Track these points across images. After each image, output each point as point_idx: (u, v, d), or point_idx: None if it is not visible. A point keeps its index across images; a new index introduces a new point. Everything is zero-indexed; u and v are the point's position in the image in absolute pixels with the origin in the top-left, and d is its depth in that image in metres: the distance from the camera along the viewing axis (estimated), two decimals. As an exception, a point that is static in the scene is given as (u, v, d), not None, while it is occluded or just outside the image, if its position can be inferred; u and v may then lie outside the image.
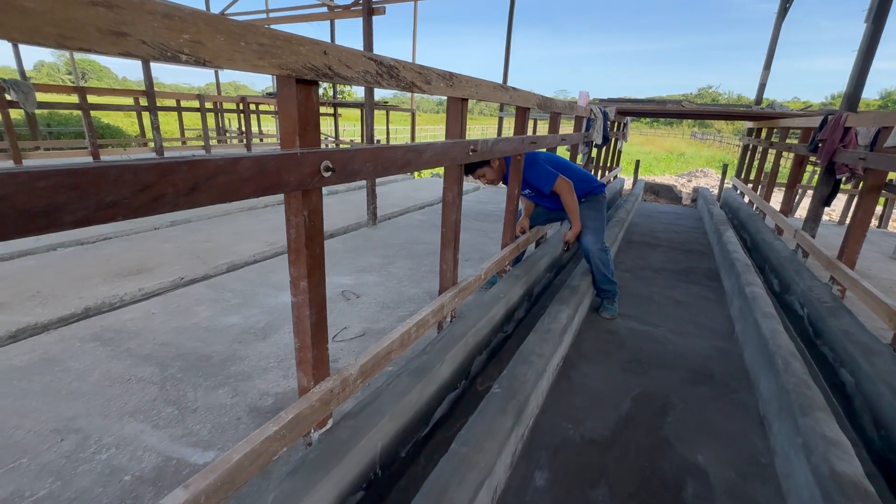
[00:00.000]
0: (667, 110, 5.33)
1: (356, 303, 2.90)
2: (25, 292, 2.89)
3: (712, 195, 6.64)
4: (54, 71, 52.13)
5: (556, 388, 1.97)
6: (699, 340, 2.51)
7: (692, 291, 3.27)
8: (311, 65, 0.87)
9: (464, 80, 1.50)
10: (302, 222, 0.99)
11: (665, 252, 4.25)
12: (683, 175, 13.68)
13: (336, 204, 6.09)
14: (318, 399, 1.10)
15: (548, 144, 2.79)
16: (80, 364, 2.15)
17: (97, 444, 1.65)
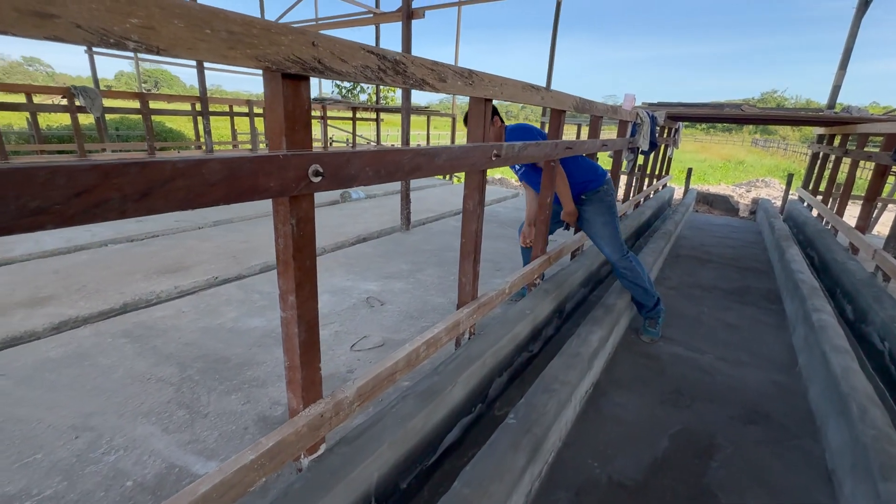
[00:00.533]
0: (725, 115, 4.92)
1: (380, 310, 2.82)
2: (73, 285, 3.03)
3: (774, 207, 6.08)
4: (132, 80, 56.90)
5: (584, 417, 1.79)
6: (754, 372, 2.22)
7: (747, 314, 2.94)
8: (297, 57, 0.78)
9: (486, 78, 1.37)
10: (289, 231, 0.90)
11: (717, 268, 3.89)
12: (741, 185, 12.74)
13: (372, 207, 6.11)
14: (306, 424, 1.01)
15: (586, 150, 2.60)
16: (108, 360, 2.19)
17: (108, 444, 1.64)
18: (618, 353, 2.31)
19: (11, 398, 1.87)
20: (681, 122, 6.18)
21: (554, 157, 2.09)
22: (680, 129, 6.27)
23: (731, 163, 23.28)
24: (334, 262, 3.69)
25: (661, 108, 4.60)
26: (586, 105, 2.33)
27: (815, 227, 4.48)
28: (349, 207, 6.10)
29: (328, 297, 2.94)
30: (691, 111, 5.09)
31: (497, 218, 5.46)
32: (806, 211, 5.38)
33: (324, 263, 3.61)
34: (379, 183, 1.05)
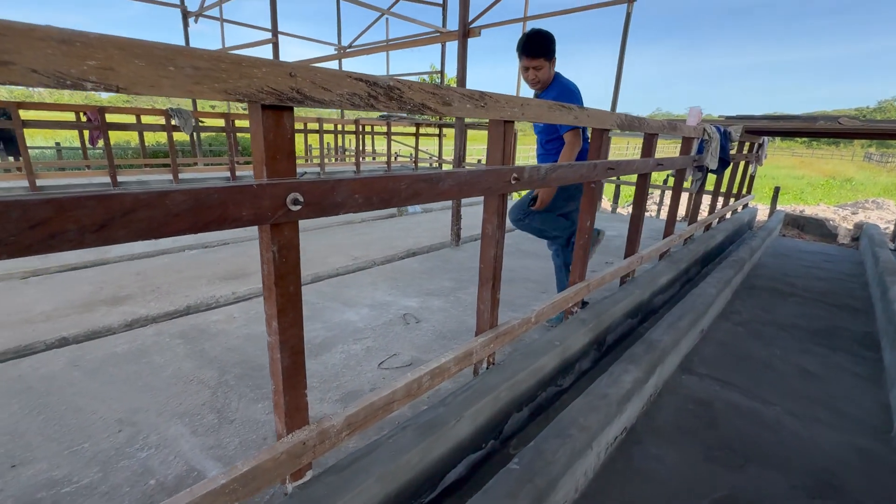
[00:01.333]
0: (817, 129, 4.34)
1: (414, 328, 2.81)
2: (149, 286, 3.37)
3: (883, 234, 5.23)
4: (230, 100, 63.59)
5: (610, 468, 1.61)
6: (832, 433, 1.88)
7: (833, 361, 2.51)
8: (272, 89, 0.78)
9: (501, 99, 1.31)
10: (271, 258, 0.90)
11: (800, 304, 3.39)
12: (846, 206, 11.16)
13: (427, 222, 6.19)
14: (286, 451, 1.00)
15: (636, 171, 2.41)
16: (162, 359, 2.38)
17: (143, 441, 1.77)
18: (662, 397, 2.08)
19: (77, 388, 2.09)
20: (765, 137, 5.57)
21: (592, 179, 1.95)
22: (765, 145, 5.65)
23: (836, 180, 20.59)
24: (381, 275, 3.75)
25: (737, 122, 4.17)
26: (634, 122, 2.16)
27: (934, 260, 3.77)
28: (405, 221, 6.23)
29: (367, 311, 2.99)
30: (777, 125, 4.56)
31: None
32: (925, 240, 4.55)
33: (370, 277, 3.69)
34: (371, 210, 1.03)
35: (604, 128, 1.93)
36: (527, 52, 2.14)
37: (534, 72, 2.18)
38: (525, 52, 2.14)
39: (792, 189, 16.82)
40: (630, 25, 6.69)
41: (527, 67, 2.17)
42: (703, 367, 2.38)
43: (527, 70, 2.18)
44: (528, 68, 2.17)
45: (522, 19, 7.63)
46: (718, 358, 2.49)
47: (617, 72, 7.02)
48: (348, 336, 2.67)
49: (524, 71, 2.19)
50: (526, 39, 2.14)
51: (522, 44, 2.15)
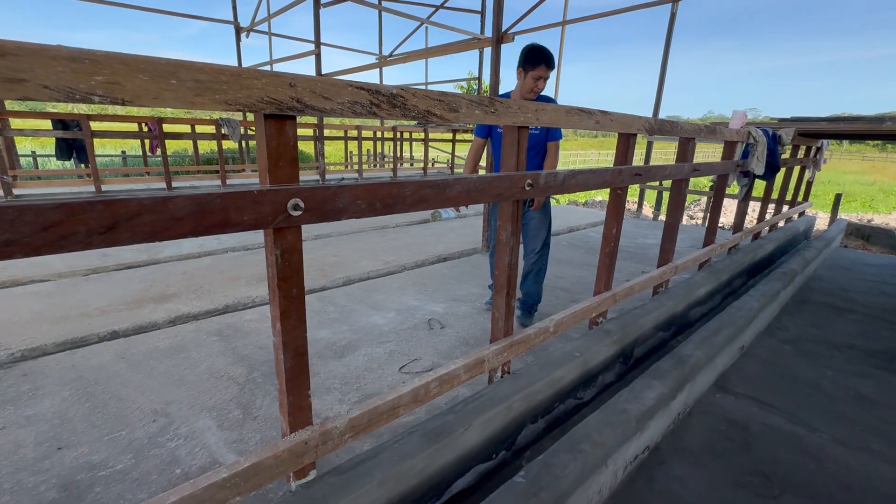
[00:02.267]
0: (883, 131, 3.97)
1: (438, 333, 2.82)
2: (193, 286, 3.57)
3: (964, 247, 4.69)
4: (280, 109, 66.79)
5: (629, 488, 1.53)
6: (887, 467, 1.70)
7: (893, 386, 2.28)
8: (272, 98, 0.82)
9: (514, 105, 1.29)
10: (274, 262, 0.93)
11: (858, 322, 3.10)
12: (924, 215, 10.13)
13: (459, 227, 6.20)
14: (287, 450, 1.02)
15: (668, 177, 2.30)
16: (198, 354, 2.51)
17: (174, 431, 1.87)
18: (692, 416, 1.96)
19: (121, 379, 2.24)
20: (824, 141, 5.17)
21: (618, 185, 1.88)
22: (823, 149, 5.25)
23: (914, 187, 18.74)
24: (410, 280, 3.79)
25: (789, 125, 3.90)
26: (665, 126, 2.06)
27: None
28: (438, 227, 6.27)
29: (394, 315, 3.03)
30: (836, 127, 4.22)
31: (588, 244, 5.13)
32: None
33: (399, 282, 3.74)
34: (374, 216, 1.04)
35: (629, 132, 1.86)
36: (550, 63, 2.18)
37: (543, 83, 2.23)
38: (549, 63, 2.17)
39: (861, 196, 15.46)
40: (676, 25, 6.43)
41: (541, 78, 2.21)
42: (742, 386, 2.23)
43: (538, 80, 2.22)
44: (541, 79, 2.22)
45: (562, 23, 7.52)
46: (759, 377, 2.32)
47: (661, 74, 6.76)
48: (373, 339, 2.71)
49: (537, 81, 2.22)
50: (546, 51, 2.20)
51: (545, 55, 2.18)
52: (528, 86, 2.22)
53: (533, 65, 2.17)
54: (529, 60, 2.19)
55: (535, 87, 2.22)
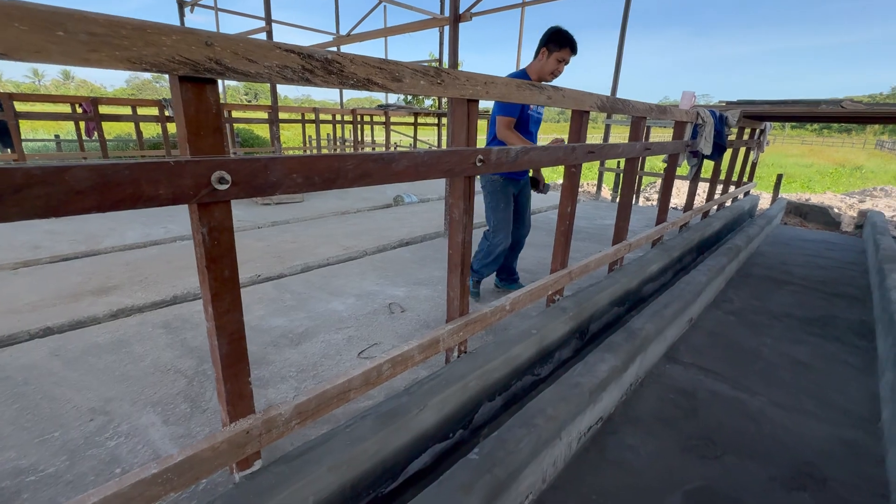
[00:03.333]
0: (819, 113, 4.20)
1: (399, 317, 2.78)
2: (137, 277, 3.35)
3: (885, 221, 5.11)
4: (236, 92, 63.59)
5: (583, 458, 1.57)
6: (818, 424, 1.83)
7: (825, 351, 2.45)
8: (185, 58, 0.74)
9: (462, 77, 1.25)
10: (201, 240, 0.86)
11: (795, 293, 3.32)
12: (853, 194, 10.93)
13: (423, 211, 6.14)
14: (226, 440, 0.97)
15: (621, 155, 2.34)
16: (142, 348, 2.37)
17: (114, 430, 1.75)
18: (644, 386, 2.03)
19: (55, 378, 2.08)
20: (767, 123, 5.43)
21: (572, 163, 1.89)
22: (766, 131, 5.52)
23: (846, 168, 20.20)
24: (370, 265, 3.72)
25: (735, 107, 4.06)
26: (618, 104, 2.08)
27: (937, 247, 3.66)
28: (400, 211, 6.18)
29: (353, 301, 2.96)
30: (778, 110, 4.43)
31: (549, 226, 5.21)
32: (929, 227, 4.43)
33: (360, 267, 3.66)
34: (313, 191, 0.98)
35: (582, 109, 1.87)
36: (574, 49, 2.16)
37: (563, 66, 2.22)
38: (573, 48, 2.16)
39: (800, 177, 16.51)
40: (634, 13, 6.54)
41: (563, 61, 2.18)
42: (690, 356, 2.33)
43: (560, 63, 2.18)
44: (563, 62, 2.19)
45: (521, 4, 7.48)
46: (706, 347, 2.44)
47: (616, 59, 6.88)
48: (331, 326, 2.64)
49: (559, 63, 2.19)
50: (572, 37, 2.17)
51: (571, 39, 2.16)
52: (549, 67, 2.18)
53: (560, 46, 2.14)
54: (556, 41, 2.14)
55: (557, 70, 2.20)
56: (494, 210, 2.51)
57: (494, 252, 2.56)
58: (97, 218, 4.79)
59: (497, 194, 2.49)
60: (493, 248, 2.56)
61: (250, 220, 5.20)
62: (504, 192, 2.49)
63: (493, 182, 2.47)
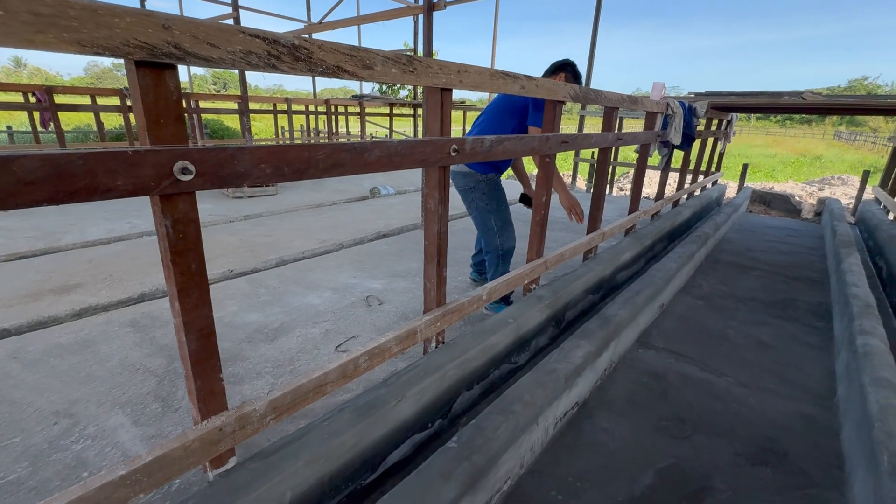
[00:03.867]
0: (781, 104, 4.37)
1: (377, 310, 2.76)
2: (101, 274, 3.22)
3: (842, 208, 5.37)
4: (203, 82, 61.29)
5: (560, 442, 1.61)
6: (780, 402, 1.92)
7: (786, 332, 2.57)
8: (143, 42, 0.70)
9: (434, 65, 1.24)
10: (164, 233, 0.83)
11: (760, 277, 3.46)
12: (814, 182, 11.44)
13: (399, 203, 6.10)
14: (198, 438, 0.94)
15: (595, 145, 2.37)
16: (108, 348, 2.28)
17: (80, 432, 1.69)
18: (617, 371, 2.09)
19: (14, 381, 1.98)
20: (733, 114, 5.61)
21: (545, 153, 1.91)
22: (733, 122, 5.70)
23: (806, 158, 21.10)
24: (347, 258, 3.68)
25: (703, 98, 4.17)
26: (590, 94, 2.11)
27: (888, 231, 3.88)
28: (377, 203, 6.12)
29: (330, 295, 2.93)
30: (743, 101, 4.58)
31: (526, 216, 5.25)
32: (881, 213, 4.69)
33: (336, 260, 3.61)
34: (283, 181, 0.96)
35: (556, 99, 1.88)
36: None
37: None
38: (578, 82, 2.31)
39: (764, 167, 17.15)
40: (604, 4, 6.60)
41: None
42: (661, 340, 2.41)
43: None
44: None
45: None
46: (676, 331, 2.52)
47: (590, 50, 6.95)
48: (308, 320, 2.61)
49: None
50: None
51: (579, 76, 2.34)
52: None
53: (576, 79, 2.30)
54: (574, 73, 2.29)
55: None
56: (497, 210, 2.37)
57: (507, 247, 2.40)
58: (56, 214, 4.57)
59: (496, 192, 2.38)
60: (505, 245, 2.39)
61: (222, 213, 5.06)
62: (499, 187, 2.43)
63: (487, 181, 2.35)
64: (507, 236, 2.39)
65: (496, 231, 2.37)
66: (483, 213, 2.40)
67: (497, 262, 2.41)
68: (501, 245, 2.39)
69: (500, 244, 2.38)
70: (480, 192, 2.36)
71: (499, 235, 2.37)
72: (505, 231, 2.39)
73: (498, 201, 2.39)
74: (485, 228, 2.42)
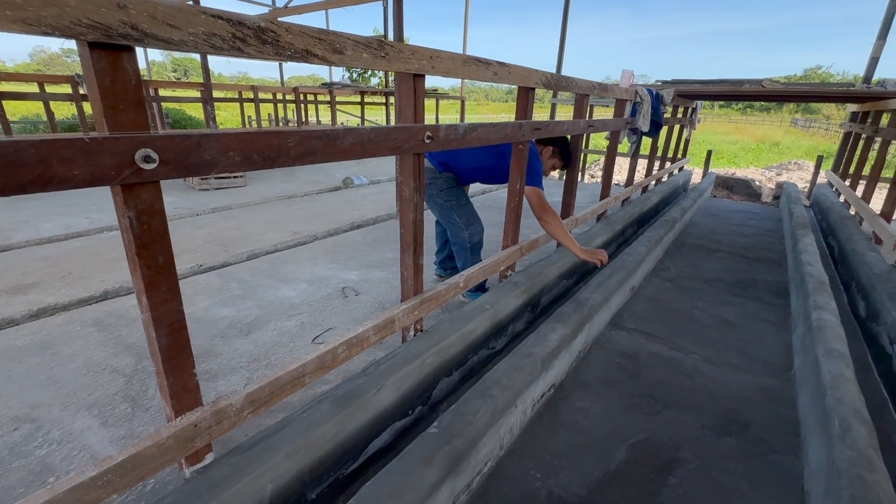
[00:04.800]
0: (742, 92, 4.54)
1: (353, 301, 2.74)
2: (59, 273, 3.06)
3: (798, 192, 5.65)
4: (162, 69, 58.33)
5: (538, 423, 1.65)
6: (742, 376, 2.03)
7: (748, 310, 2.70)
8: (95, 22, 0.66)
9: (406, 50, 1.22)
10: (128, 225, 0.79)
11: (724, 259, 3.61)
12: (772, 168, 11.98)
13: (373, 193, 6.03)
14: (173, 436, 0.92)
15: (566, 132, 2.40)
16: (70, 349, 2.18)
17: (44, 437, 1.62)
18: (591, 353, 2.15)
19: (-34, 387, 1.88)
20: (698, 102, 5.78)
21: (520, 140, 1.92)
22: (698, 109, 5.87)
23: (766, 144, 22.01)
24: (321, 250, 3.62)
25: (669, 86, 4.28)
26: (562, 81, 2.12)
27: (839, 214, 4.11)
28: (350, 193, 6.03)
29: (305, 287, 2.88)
30: (707, 89, 4.72)
31: (500, 204, 5.28)
32: (833, 196, 4.96)
33: (310, 252, 3.55)
34: (252, 170, 0.93)
35: (528, 86, 1.89)
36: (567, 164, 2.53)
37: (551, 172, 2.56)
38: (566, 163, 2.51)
39: (727, 153, 17.81)
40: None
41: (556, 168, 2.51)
42: (632, 322, 2.49)
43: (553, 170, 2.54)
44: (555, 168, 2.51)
45: (465, -20, 7.36)
46: (646, 313, 2.61)
47: (560, 37, 6.99)
48: (283, 313, 2.56)
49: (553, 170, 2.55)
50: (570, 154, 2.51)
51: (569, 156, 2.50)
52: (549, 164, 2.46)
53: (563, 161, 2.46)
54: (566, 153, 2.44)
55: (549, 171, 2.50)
56: (457, 206, 2.35)
57: (475, 240, 2.38)
58: (5, 209, 4.30)
59: (455, 190, 2.36)
60: (474, 239, 2.38)
61: (187, 206, 4.88)
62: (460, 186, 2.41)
63: (445, 179, 2.32)
64: (475, 230, 2.37)
65: (462, 226, 2.35)
66: (444, 210, 2.37)
67: (466, 255, 2.39)
68: (470, 238, 2.36)
69: (467, 237, 2.36)
70: (438, 189, 2.33)
71: (465, 229, 2.35)
72: (472, 225, 2.36)
73: (457, 197, 2.35)
74: (450, 223, 2.39)
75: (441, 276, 2.93)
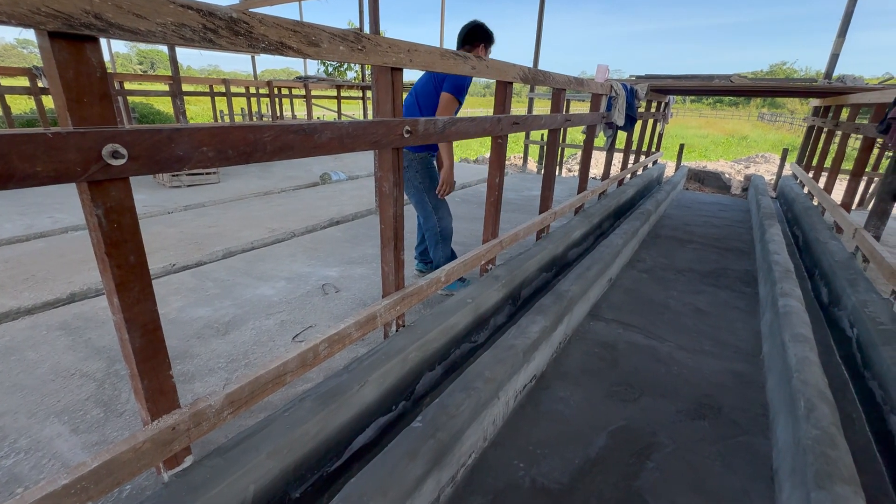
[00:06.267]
0: (712, 86, 4.67)
1: (333, 298, 2.71)
2: (21, 275, 2.93)
3: (765, 184, 5.87)
4: (127, 61, 56.01)
5: (520, 414, 1.68)
6: (714, 362, 2.10)
7: (719, 298, 2.80)
8: (56, 10, 0.63)
9: (384, 43, 1.20)
10: (97, 224, 0.76)
11: (696, 249, 3.73)
12: (741, 161, 12.40)
13: (352, 189, 5.96)
14: (150, 439, 0.90)
15: (544, 126, 2.42)
16: (36, 354, 2.10)
17: (10, 446, 1.55)
18: (571, 343, 2.19)
19: (-77, 397, 1.78)
20: (671, 96, 5.92)
21: (497, 134, 1.92)
22: (670, 104, 6.01)
23: (734, 138, 22.74)
24: (300, 247, 3.56)
25: (643, 81, 4.36)
26: (539, 76, 2.14)
27: (803, 204, 4.29)
28: (328, 189, 5.95)
29: (284, 285, 2.83)
30: (679, 84, 4.84)
31: (479, 199, 5.29)
32: (797, 187, 5.17)
33: (289, 249, 3.49)
34: (227, 165, 0.91)
35: (506, 80, 1.89)
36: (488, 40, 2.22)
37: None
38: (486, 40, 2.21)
39: (698, 147, 18.31)
40: (548, -17, 6.67)
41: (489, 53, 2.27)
42: (610, 312, 2.55)
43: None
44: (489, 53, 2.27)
45: (441, -28, 7.31)
46: (624, 303, 2.67)
47: (537, 31, 7.02)
48: (261, 312, 2.52)
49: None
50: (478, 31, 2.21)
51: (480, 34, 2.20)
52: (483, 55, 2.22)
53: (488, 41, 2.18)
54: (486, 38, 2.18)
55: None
56: (431, 189, 2.36)
57: (446, 232, 2.42)
58: (-40, 210, 4.08)
59: (428, 171, 2.36)
60: (445, 230, 2.41)
61: (158, 204, 4.73)
62: (432, 165, 2.40)
63: (420, 160, 2.31)
64: (443, 214, 2.42)
65: (432, 209, 2.40)
66: (419, 193, 2.39)
67: (436, 242, 2.45)
68: (438, 223, 2.41)
69: (436, 222, 2.41)
70: (414, 171, 2.33)
71: (435, 213, 2.40)
72: (440, 209, 2.41)
73: (431, 179, 2.38)
74: (421, 207, 2.44)
75: (422, 272, 2.93)
